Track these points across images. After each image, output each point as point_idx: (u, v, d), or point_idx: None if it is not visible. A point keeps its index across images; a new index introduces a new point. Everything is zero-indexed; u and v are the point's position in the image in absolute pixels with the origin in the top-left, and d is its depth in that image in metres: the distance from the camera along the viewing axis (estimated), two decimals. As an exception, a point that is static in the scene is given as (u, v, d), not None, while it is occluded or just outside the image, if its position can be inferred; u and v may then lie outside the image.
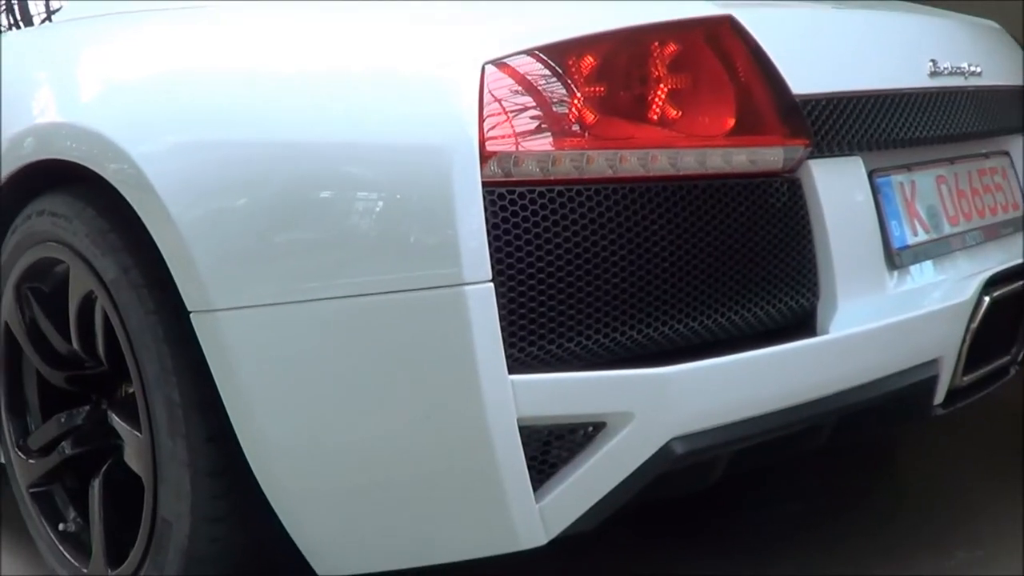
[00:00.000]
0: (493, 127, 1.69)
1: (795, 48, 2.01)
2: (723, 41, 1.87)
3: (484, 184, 1.67)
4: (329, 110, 1.84)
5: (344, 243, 1.77)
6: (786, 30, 2.07)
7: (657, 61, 1.81)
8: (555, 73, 1.75)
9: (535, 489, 1.74)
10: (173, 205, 1.91)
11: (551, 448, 1.75)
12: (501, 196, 1.68)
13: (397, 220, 1.73)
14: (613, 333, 1.75)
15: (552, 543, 1.78)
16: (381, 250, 1.74)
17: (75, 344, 2.28)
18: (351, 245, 1.77)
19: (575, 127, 1.75)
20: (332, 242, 1.78)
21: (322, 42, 1.96)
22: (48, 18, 3.03)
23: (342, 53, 1.91)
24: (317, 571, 1.97)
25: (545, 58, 1.75)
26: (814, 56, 2.08)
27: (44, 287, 2.36)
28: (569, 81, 1.75)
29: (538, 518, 1.75)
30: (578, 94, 1.75)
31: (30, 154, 2.30)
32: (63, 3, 2.87)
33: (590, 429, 1.75)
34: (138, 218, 1.99)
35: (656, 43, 1.81)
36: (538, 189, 1.70)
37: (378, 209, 1.75)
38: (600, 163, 1.74)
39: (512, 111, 1.71)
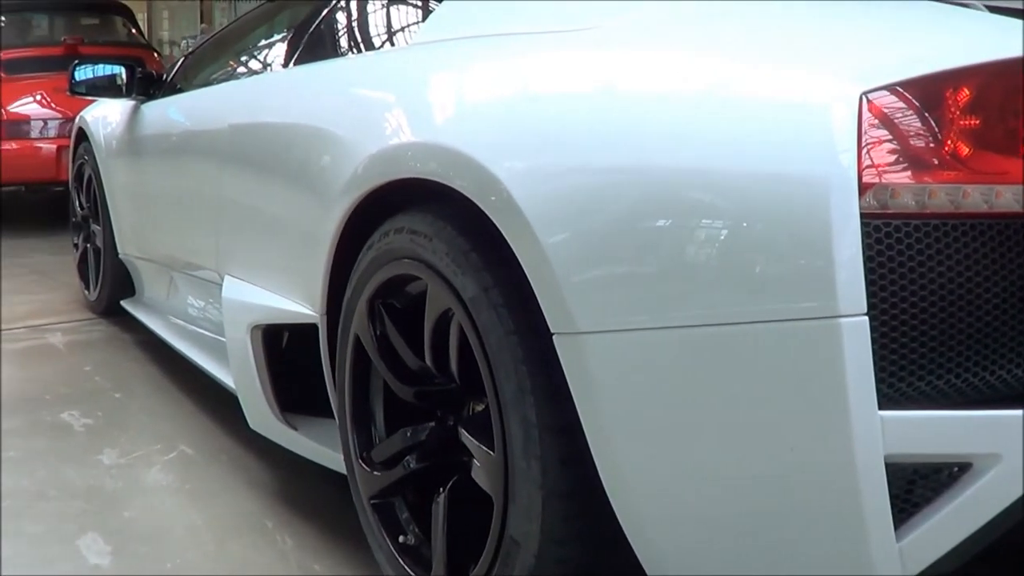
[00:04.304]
0: (870, 158, 1.67)
1: None
2: None
3: (861, 216, 1.65)
4: (696, 136, 1.84)
5: (706, 271, 1.77)
6: None
7: None
8: (930, 105, 1.71)
9: (896, 527, 1.70)
10: (539, 226, 1.94)
11: (915, 487, 1.71)
12: (876, 228, 1.66)
13: (762, 249, 1.72)
14: (983, 372, 1.71)
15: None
16: (745, 279, 1.73)
17: (427, 361, 2.34)
18: (713, 273, 1.77)
19: (950, 160, 1.71)
20: (695, 269, 1.78)
21: (690, 68, 1.96)
22: (389, 41, 3.14)
23: (708, 79, 1.91)
24: (664, 596, 1.97)
25: (921, 89, 1.71)
26: None
27: (397, 303, 2.44)
28: (944, 113, 1.71)
29: (897, 558, 1.70)
30: (953, 126, 1.71)
31: (388, 173, 2.38)
32: (414, 28, 2.96)
33: (955, 469, 1.70)
34: (498, 238, 2.04)
35: None
36: (913, 222, 1.67)
37: (743, 237, 1.74)
38: (975, 198, 1.70)
39: (888, 142, 1.68)
